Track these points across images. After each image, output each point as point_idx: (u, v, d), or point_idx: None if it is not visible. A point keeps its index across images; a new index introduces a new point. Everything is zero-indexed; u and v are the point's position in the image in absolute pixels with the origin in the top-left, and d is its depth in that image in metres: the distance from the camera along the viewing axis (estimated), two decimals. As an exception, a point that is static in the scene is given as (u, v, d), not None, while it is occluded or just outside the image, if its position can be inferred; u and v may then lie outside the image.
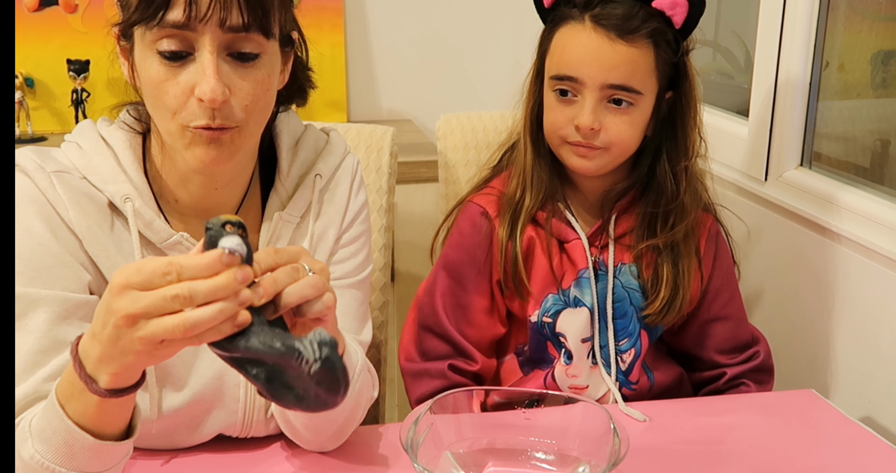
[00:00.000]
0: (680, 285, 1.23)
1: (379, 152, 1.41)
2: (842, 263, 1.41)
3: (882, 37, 1.54)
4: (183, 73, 0.87)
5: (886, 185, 1.45)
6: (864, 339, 1.38)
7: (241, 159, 0.98)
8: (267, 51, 0.90)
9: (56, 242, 0.93)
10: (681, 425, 1.16)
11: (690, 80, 1.21)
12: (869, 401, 1.37)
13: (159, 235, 0.96)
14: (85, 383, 0.77)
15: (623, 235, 1.26)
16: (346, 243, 1.09)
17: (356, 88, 2.32)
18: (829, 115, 1.59)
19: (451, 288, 1.26)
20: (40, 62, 2.12)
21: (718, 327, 1.31)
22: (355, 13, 2.27)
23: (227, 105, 0.87)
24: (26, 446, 0.83)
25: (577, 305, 1.24)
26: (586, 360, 1.25)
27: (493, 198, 1.27)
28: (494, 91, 2.35)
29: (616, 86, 1.15)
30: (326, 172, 1.07)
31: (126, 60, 0.94)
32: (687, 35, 1.19)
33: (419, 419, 0.95)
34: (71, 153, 0.97)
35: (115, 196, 0.95)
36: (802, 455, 1.09)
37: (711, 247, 1.30)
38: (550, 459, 1.00)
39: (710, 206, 1.32)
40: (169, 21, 0.85)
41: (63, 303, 0.92)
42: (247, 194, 1.04)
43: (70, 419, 0.80)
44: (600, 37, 1.14)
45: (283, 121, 1.06)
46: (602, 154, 1.18)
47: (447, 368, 1.25)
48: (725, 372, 1.32)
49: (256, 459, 1.04)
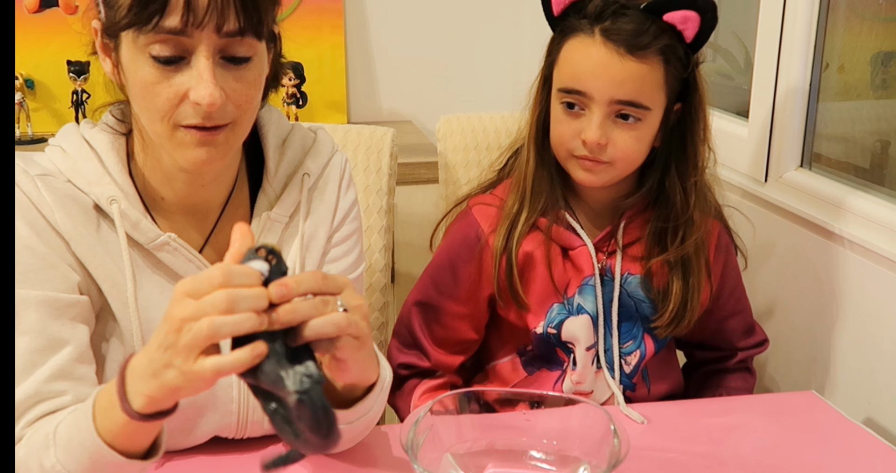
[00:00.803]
0: (689, 299, 1.24)
1: (379, 153, 1.41)
2: (842, 264, 1.41)
3: (882, 38, 1.54)
4: (177, 76, 0.87)
5: (886, 186, 1.45)
6: (864, 340, 1.38)
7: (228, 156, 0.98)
8: (258, 52, 0.91)
9: (42, 244, 0.92)
10: (681, 426, 1.17)
11: (700, 92, 1.20)
12: (869, 402, 1.37)
13: (146, 235, 0.96)
14: (120, 400, 0.78)
15: (631, 243, 1.25)
16: (338, 242, 1.09)
17: (356, 89, 2.32)
18: (829, 116, 1.58)
19: (427, 286, 1.29)
20: (40, 63, 2.12)
21: (732, 321, 1.36)
22: (355, 14, 2.27)
23: (221, 108, 0.88)
24: (48, 454, 0.83)
25: (580, 312, 1.24)
26: (591, 366, 1.26)
27: (492, 210, 1.26)
28: (495, 92, 2.35)
29: (624, 101, 1.14)
30: (315, 170, 1.06)
31: (108, 56, 0.93)
32: (698, 49, 1.17)
33: (419, 420, 0.94)
34: (55, 157, 0.97)
35: (101, 198, 0.95)
36: (803, 456, 1.09)
37: (721, 257, 1.30)
38: (551, 460, 1.00)
39: (719, 212, 1.32)
40: (165, 27, 0.84)
41: (53, 303, 0.92)
42: (233, 192, 1.04)
43: (100, 436, 0.81)
44: (610, 52, 1.12)
45: (269, 121, 1.06)
46: (608, 169, 1.18)
47: (396, 367, 1.28)
48: (737, 353, 1.37)
49: (253, 460, 1.03)
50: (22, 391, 0.88)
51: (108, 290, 0.96)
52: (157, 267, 0.97)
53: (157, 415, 0.79)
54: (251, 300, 0.72)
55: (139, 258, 0.97)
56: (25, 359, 0.90)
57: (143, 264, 0.97)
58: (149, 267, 0.97)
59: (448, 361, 1.30)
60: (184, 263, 0.97)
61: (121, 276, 0.96)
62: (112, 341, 0.98)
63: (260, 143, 1.05)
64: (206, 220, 1.02)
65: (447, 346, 1.29)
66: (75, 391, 0.91)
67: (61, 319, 0.92)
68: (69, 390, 0.90)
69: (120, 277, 0.96)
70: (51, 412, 0.89)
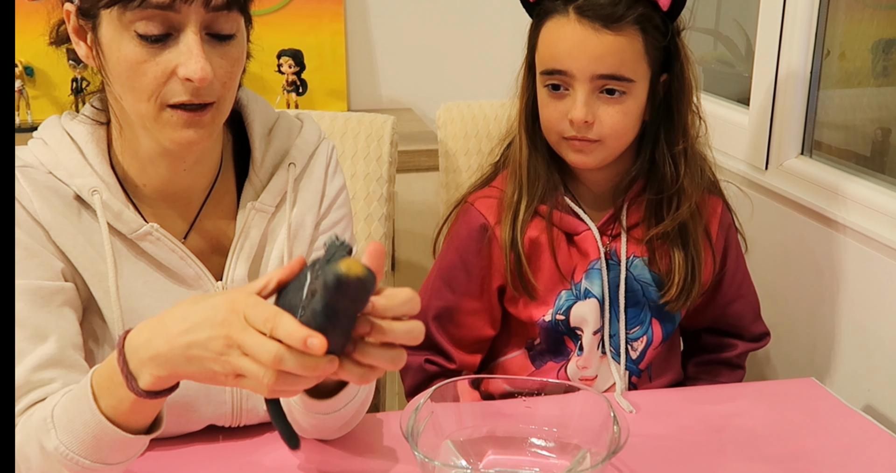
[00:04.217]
0: (693, 268, 1.24)
1: (379, 141, 1.41)
2: (842, 251, 1.42)
3: (883, 25, 1.54)
4: (163, 53, 0.86)
5: (887, 173, 1.45)
6: (863, 327, 1.39)
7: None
8: (241, 29, 0.91)
9: (23, 233, 0.93)
10: (681, 412, 1.17)
11: (683, 61, 1.20)
12: (868, 390, 1.37)
13: (129, 226, 0.96)
14: (125, 379, 0.78)
15: (634, 225, 1.25)
16: (325, 229, 1.08)
17: (356, 76, 2.32)
18: (829, 104, 1.59)
19: (441, 289, 1.28)
20: (40, 51, 2.10)
21: (737, 305, 1.35)
22: (356, 2, 2.27)
23: (210, 84, 0.88)
24: (49, 437, 0.83)
25: (587, 296, 1.25)
26: (596, 351, 1.26)
27: (493, 201, 1.26)
28: (495, 80, 2.33)
29: (606, 76, 1.14)
30: (301, 160, 1.06)
31: (82, 40, 0.92)
32: (675, 17, 1.17)
33: (419, 407, 0.95)
34: (37, 150, 0.97)
35: (83, 189, 0.95)
36: (802, 442, 1.10)
37: (723, 235, 1.31)
38: (550, 447, 1.00)
39: (717, 187, 1.32)
40: (152, 2, 0.83)
41: (38, 291, 0.92)
42: (217, 179, 1.03)
43: (102, 413, 0.81)
44: (585, 28, 1.13)
45: (255, 110, 1.05)
46: (599, 147, 1.18)
47: (424, 362, 1.28)
48: (738, 344, 1.36)
49: (251, 447, 1.05)
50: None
51: (90, 279, 0.96)
52: (140, 256, 0.97)
53: (162, 392, 0.80)
54: (308, 369, 0.71)
55: (122, 247, 0.97)
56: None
57: (126, 253, 0.97)
58: (131, 256, 0.97)
59: (470, 360, 1.30)
60: (167, 253, 0.97)
61: (103, 265, 0.96)
62: (94, 329, 0.99)
63: (245, 132, 1.05)
64: (190, 206, 1.01)
65: (466, 346, 1.29)
66: (65, 378, 0.91)
67: (47, 307, 0.92)
68: (58, 377, 0.90)
69: (102, 266, 0.96)
70: (41, 400, 0.89)
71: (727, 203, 1.33)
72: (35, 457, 0.85)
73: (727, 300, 1.34)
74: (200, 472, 1.00)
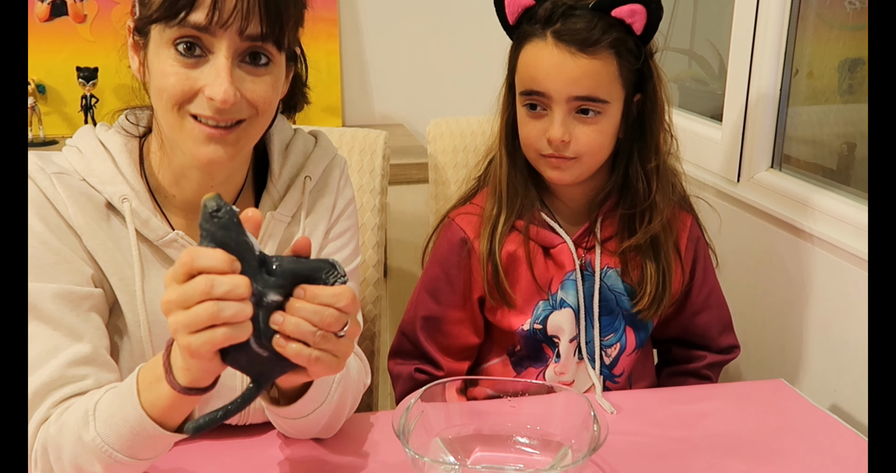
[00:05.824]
0: (666, 278, 1.25)
1: (372, 155, 1.43)
2: (810, 259, 1.43)
3: (849, 45, 1.55)
4: (195, 71, 0.89)
5: (852, 186, 1.46)
6: (830, 332, 1.40)
7: (239, 158, 1.00)
8: (277, 61, 0.93)
9: (56, 239, 0.94)
10: (657, 412, 1.18)
11: (656, 82, 1.21)
12: (835, 390, 1.39)
13: (156, 233, 0.98)
14: (166, 372, 0.81)
15: (608, 238, 1.26)
16: (334, 237, 1.12)
17: (350, 93, 2.33)
18: (798, 119, 1.60)
19: (427, 301, 1.30)
20: (51, 70, 2.12)
21: (705, 316, 1.36)
22: (349, 23, 2.28)
23: (235, 105, 0.89)
24: (88, 429, 0.86)
25: (563, 306, 1.26)
26: (573, 357, 1.28)
27: (473, 217, 1.28)
28: (482, 97, 2.35)
29: (582, 97, 1.16)
30: (315, 173, 1.09)
31: (136, 54, 0.95)
32: (648, 40, 1.18)
33: (410, 407, 0.96)
34: (71, 157, 0.99)
35: (114, 197, 0.97)
36: (772, 440, 1.11)
37: (692, 248, 1.32)
38: (534, 444, 1.02)
39: (687, 202, 1.33)
40: (190, 22, 0.86)
41: (69, 295, 0.93)
42: (241, 194, 1.06)
43: (144, 409, 0.83)
44: (562, 52, 1.14)
45: (274, 126, 1.07)
46: (575, 164, 1.20)
47: (414, 371, 1.30)
48: (706, 356, 1.36)
49: (254, 445, 1.06)
50: (46, 373, 0.90)
51: (117, 283, 0.98)
52: (166, 262, 1.00)
53: (199, 390, 0.82)
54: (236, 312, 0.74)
55: (148, 253, 0.99)
56: (50, 344, 0.92)
57: (152, 259, 0.99)
58: (157, 262, 1.00)
59: (458, 367, 1.32)
60: None
61: (130, 270, 0.98)
62: (115, 331, 1.01)
63: (265, 147, 1.08)
64: None
65: (453, 353, 1.31)
66: (97, 376, 0.93)
67: (76, 310, 0.94)
68: (91, 374, 0.92)
69: (129, 271, 0.98)
70: (75, 394, 0.91)
71: (697, 218, 1.33)
72: (70, 447, 0.87)
73: (695, 309, 1.34)
74: (207, 468, 1.01)
